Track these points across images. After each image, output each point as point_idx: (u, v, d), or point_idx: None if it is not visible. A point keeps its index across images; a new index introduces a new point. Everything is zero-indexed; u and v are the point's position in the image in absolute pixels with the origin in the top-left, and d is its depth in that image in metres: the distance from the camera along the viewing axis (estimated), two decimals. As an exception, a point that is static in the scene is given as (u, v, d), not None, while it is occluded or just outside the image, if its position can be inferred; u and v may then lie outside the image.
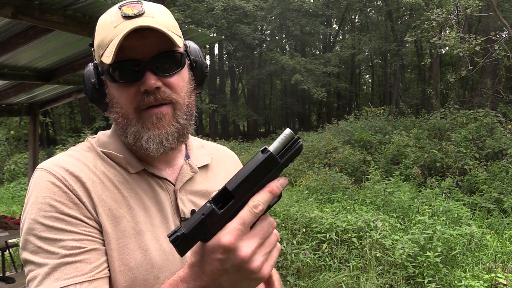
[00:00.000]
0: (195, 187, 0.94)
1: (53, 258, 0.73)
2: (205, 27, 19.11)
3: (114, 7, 0.84)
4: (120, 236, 0.80)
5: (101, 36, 0.82)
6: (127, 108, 0.83)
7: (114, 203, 0.82)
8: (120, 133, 0.86)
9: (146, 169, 0.88)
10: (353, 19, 28.53)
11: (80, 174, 0.81)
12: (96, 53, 0.84)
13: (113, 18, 0.81)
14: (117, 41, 0.77)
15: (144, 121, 0.82)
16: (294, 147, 0.64)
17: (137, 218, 0.83)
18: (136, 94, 0.81)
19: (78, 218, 0.77)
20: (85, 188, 0.79)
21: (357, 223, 4.73)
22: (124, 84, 0.82)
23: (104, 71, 0.83)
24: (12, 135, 15.49)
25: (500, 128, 9.57)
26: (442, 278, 3.89)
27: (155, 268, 0.81)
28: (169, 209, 0.88)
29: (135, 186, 0.86)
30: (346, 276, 4.04)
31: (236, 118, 23.87)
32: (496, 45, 9.47)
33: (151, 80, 0.80)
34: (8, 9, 2.44)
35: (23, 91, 4.76)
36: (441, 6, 11.58)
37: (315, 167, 10.10)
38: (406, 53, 22.12)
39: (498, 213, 6.38)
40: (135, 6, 0.82)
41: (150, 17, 0.81)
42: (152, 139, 0.82)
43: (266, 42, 26.87)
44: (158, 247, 0.83)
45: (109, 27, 0.81)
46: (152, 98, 0.81)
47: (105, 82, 0.85)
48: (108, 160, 0.87)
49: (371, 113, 14.16)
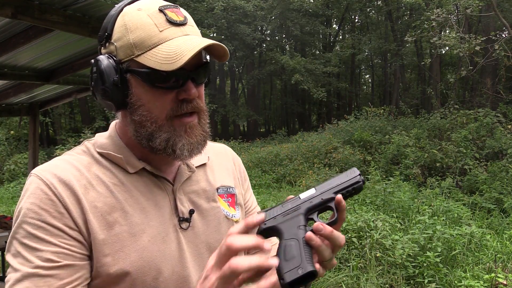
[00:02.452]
0: (193, 186, 0.94)
1: (27, 266, 0.73)
2: (205, 27, 19.11)
3: (149, 5, 0.82)
4: (114, 241, 0.79)
5: (139, 35, 0.79)
6: (158, 114, 0.81)
7: (107, 208, 0.81)
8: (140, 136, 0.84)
9: (146, 168, 0.87)
10: (353, 19, 28.53)
11: (72, 181, 0.80)
12: (125, 50, 0.80)
13: (156, 20, 0.79)
14: (189, 53, 0.75)
15: (176, 128, 0.82)
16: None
17: (132, 220, 0.82)
18: (172, 101, 0.81)
19: (60, 228, 0.76)
20: (75, 196, 0.78)
21: (357, 223, 4.74)
22: (161, 90, 0.80)
23: (138, 72, 0.80)
24: (12, 135, 15.50)
25: (500, 128, 9.57)
26: (442, 278, 3.89)
27: (153, 269, 0.81)
28: (167, 209, 0.87)
29: (131, 188, 0.85)
30: (346, 276, 4.05)
31: (236, 118, 23.88)
32: (496, 45, 9.47)
33: (193, 90, 0.81)
34: (8, 9, 2.44)
35: (23, 91, 4.76)
36: (441, 6, 11.58)
37: (315, 167, 10.11)
38: (406, 53, 22.12)
39: (498, 213, 6.38)
40: (179, 13, 0.82)
41: (191, 26, 0.83)
42: (186, 147, 0.83)
43: (266, 42, 26.88)
44: (156, 248, 0.82)
45: (153, 29, 0.79)
46: (190, 106, 0.82)
47: (129, 81, 0.82)
48: (105, 163, 0.86)
49: (371, 113, 14.16)
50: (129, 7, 0.83)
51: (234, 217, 0.98)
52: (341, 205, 0.75)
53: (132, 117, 0.84)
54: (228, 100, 25.68)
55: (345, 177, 0.77)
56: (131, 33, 0.80)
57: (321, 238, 0.71)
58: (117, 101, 0.83)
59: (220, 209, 0.96)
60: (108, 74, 0.81)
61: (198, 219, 0.91)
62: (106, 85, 0.81)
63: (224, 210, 0.97)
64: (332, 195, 0.75)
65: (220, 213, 0.95)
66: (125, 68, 0.81)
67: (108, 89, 0.81)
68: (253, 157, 12.46)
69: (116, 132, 0.91)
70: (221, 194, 0.98)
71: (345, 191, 0.75)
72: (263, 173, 10.98)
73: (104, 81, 0.81)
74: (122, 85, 0.81)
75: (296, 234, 0.70)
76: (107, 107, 0.86)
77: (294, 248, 0.68)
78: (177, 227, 0.87)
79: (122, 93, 0.82)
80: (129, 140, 0.88)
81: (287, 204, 0.77)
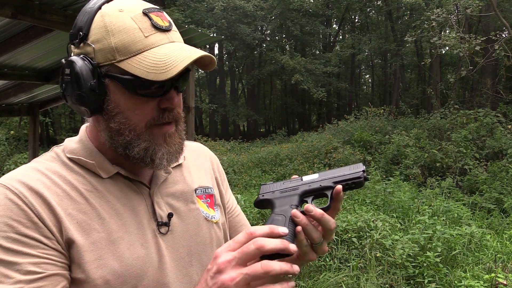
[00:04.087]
0: (170, 189, 0.90)
1: (6, 283, 0.68)
2: (205, 27, 19.11)
3: (131, 7, 0.77)
4: (92, 249, 0.75)
5: (122, 39, 0.75)
6: (138, 122, 0.78)
7: (83, 215, 0.77)
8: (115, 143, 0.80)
9: (120, 172, 0.83)
10: (353, 19, 28.55)
11: (42, 189, 0.75)
12: (105, 53, 0.75)
13: (141, 25, 0.75)
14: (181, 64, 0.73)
15: (154, 137, 0.80)
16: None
17: (109, 227, 0.78)
18: (153, 109, 0.78)
19: (37, 239, 0.71)
20: (47, 204, 0.74)
21: (357, 223, 4.74)
22: (142, 97, 0.77)
23: (119, 78, 0.75)
24: (12, 135, 15.49)
25: (500, 128, 9.57)
26: (442, 278, 3.89)
27: (133, 277, 0.78)
28: (144, 213, 0.83)
29: (105, 193, 0.81)
30: (346, 276, 4.04)
31: (236, 118, 23.89)
32: (496, 45, 9.47)
33: (176, 98, 0.79)
34: (8, 9, 2.44)
35: (23, 91, 4.76)
36: (441, 6, 11.59)
37: (315, 167, 10.10)
38: (406, 53, 22.13)
39: (498, 213, 6.38)
40: (164, 17, 0.79)
41: (175, 32, 0.81)
42: (166, 156, 0.81)
43: (266, 42, 26.88)
44: (135, 255, 0.79)
45: (137, 34, 0.75)
46: (171, 115, 0.80)
47: (107, 87, 0.77)
48: (76, 168, 0.81)
49: (371, 113, 14.15)
50: (109, 7, 0.77)
51: (213, 218, 0.95)
52: (339, 195, 0.75)
53: (108, 124, 0.79)
54: (228, 100, 25.68)
55: (348, 170, 0.78)
56: (113, 36, 0.75)
57: (309, 219, 0.73)
58: (93, 107, 0.78)
59: (199, 211, 0.93)
60: (85, 79, 0.75)
61: (177, 222, 0.87)
62: (82, 90, 0.76)
63: (203, 211, 0.94)
64: (331, 184, 0.77)
65: (200, 215, 0.92)
66: (103, 72, 0.76)
67: (84, 94, 0.76)
68: (253, 157, 12.46)
69: (87, 136, 0.86)
70: (199, 195, 0.95)
71: (345, 183, 0.76)
72: (263, 173, 10.97)
73: (81, 85, 0.75)
74: (100, 90, 0.76)
75: (286, 211, 0.75)
76: (80, 112, 0.80)
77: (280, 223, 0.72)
78: (156, 232, 0.84)
79: (98, 99, 0.77)
80: (101, 145, 0.84)
81: (288, 183, 0.81)
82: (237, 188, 8.99)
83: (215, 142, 15.71)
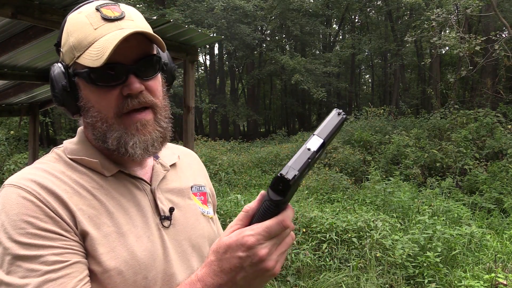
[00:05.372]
0: (169, 185, 0.94)
1: (34, 276, 0.70)
2: (205, 27, 19.09)
3: (88, 7, 0.83)
4: (105, 242, 0.78)
5: (77, 37, 0.80)
6: (106, 113, 0.81)
7: (93, 210, 0.80)
8: (96, 138, 0.84)
9: (122, 170, 0.87)
10: (353, 19, 28.52)
11: (53, 186, 0.78)
12: (68, 54, 0.82)
13: (92, 19, 0.80)
14: (111, 46, 0.75)
15: (127, 126, 0.82)
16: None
17: (118, 221, 0.81)
18: (117, 98, 0.81)
19: (56, 232, 0.74)
20: (60, 200, 0.77)
21: (357, 223, 4.74)
22: (104, 88, 0.80)
23: (81, 74, 0.80)
24: (12, 135, 15.49)
25: (500, 128, 9.57)
26: (442, 278, 3.89)
27: (143, 268, 0.81)
28: (148, 208, 0.87)
29: (111, 190, 0.84)
30: (346, 276, 4.04)
31: (236, 118, 23.86)
32: (496, 45, 9.47)
33: (136, 84, 0.80)
34: (8, 9, 2.44)
35: (23, 91, 4.76)
36: (441, 6, 11.58)
37: (315, 167, 10.10)
38: (406, 53, 22.11)
39: (498, 213, 6.38)
40: (115, 9, 0.82)
41: (131, 21, 0.82)
42: (138, 145, 0.82)
43: (266, 42, 26.85)
44: (143, 247, 0.82)
45: (88, 29, 0.79)
46: (136, 101, 0.81)
47: (77, 85, 0.83)
48: (79, 168, 0.84)
49: (371, 113, 14.16)
50: (72, 13, 0.85)
51: (208, 213, 1.00)
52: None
53: (86, 120, 0.85)
54: (228, 100, 25.64)
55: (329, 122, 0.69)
56: (71, 36, 0.81)
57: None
58: (70, 106, 0.84)
59: (196, 206, 0.97)
60: (57, 80, 0.82)
61: (178, 216, 0.91)
62: (56, 91, 0.83)
63: (199, 207, 0.98)
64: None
65: (197, 210, 0.97)
66: (72, 72, 0.82)
67: (58, 95, 0.83)
68: (253, 157, 12.45)
69: (85, 138, 0.90)
70: (194, 192, 0.99)
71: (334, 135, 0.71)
72: (263, 173, 10.97)
73: (54, 87, 0.83)
74: (72, 89, 0.83)
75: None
76: (67, 114, 0.87)
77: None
78: (159, 226, 0.87)
79: (73, 98, 0.83)
80: (97, 144, 0.87)
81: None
82: (237, 188, 8.98)
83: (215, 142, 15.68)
